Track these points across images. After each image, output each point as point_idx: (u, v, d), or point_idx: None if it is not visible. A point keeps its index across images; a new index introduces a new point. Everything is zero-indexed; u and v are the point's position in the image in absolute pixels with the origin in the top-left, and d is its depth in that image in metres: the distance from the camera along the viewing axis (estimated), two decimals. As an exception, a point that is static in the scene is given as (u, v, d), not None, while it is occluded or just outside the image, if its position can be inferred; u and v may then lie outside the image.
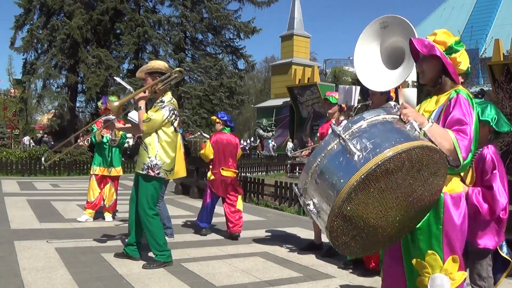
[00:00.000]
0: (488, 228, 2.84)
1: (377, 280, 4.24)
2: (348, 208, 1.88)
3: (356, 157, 1.88)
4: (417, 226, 2.22)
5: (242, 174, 13.81)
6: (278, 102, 35.68)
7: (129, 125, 5.18)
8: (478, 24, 27.14)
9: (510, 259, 2.94)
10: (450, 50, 2.33)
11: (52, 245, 5.18)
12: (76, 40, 22.68)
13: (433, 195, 2.13)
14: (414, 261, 2.26)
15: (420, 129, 2.07)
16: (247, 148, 36.75)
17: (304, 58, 37.93)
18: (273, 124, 35.62)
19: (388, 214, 1.99)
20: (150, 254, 4.65)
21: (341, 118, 5.20)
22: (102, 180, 6.89)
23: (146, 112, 4.49)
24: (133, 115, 6.32)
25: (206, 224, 6.24)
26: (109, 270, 4.32)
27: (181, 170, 5.89)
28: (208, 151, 6.20)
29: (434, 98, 2.38)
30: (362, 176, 1.83)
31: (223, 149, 6.24)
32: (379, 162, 1.83)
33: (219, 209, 8.74)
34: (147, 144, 4.46)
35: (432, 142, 2.07)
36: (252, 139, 39.68)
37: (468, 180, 2.90)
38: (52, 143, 26.07)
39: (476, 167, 2.88)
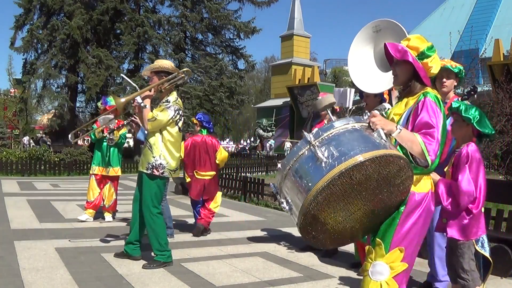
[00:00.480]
0: (456, 220, 2.97)
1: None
2: (315, 208, 2.06)
3: (323, 164, 2.04)
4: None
5: (242, 174, 13.81)
6: (278, 102, 35.67)
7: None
8: (478, 24, 27.15)
9: (485, 254, 3.02)
10: (422, 56, 2.46)
11: (52, 245, 5.18)
12: (76, 40, 22.70)
13: (401, 195, 2.27)
14: (367, 247, 2.42)
15: (389, 135, 2.22)
16: (247, 148, 36.76)
17: (304, 58, 37.92)
18: (273, 124, 35.62)
19: (355, 214, 2.17)
20: (152, 254, 4.65)
21: (333, 118, 5.22)
22: (102, 180, 6.87)
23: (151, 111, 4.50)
24: (102, 119, 6.39)
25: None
26: (109, 270, 4.32)
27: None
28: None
29: (404, 101, 2.50)
30: (327, 182, 2.00)
31: (198, 151, 6.20)
32: (343, 170, 1.98)
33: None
34: (152, 143, 4.47)
35: (398, 148, 2.23)
36: (252, 139, 39.70)
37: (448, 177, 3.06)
38: (49, 143, 26.08)
39: (455, 163, 3.02)
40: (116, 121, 6.52)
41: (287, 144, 31.22)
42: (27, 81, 24.61)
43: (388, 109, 4.52)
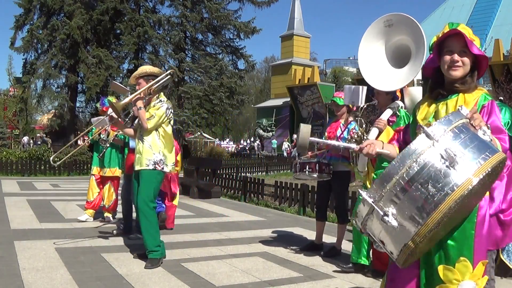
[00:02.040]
0: None
1: (377, 281, 4.24)
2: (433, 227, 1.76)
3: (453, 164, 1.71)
4: (449, 231, 2.13)
5: (242, 174, 13.82)
6: (278, 102, 35.70)
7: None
8: (478, 24, 27.12)
9: (509, 265, 2.91)
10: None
11: (52, 245, 5.18)
12: (76, 40, 22.69)
13: (479, 200, 2.08)
14: (440, 267, 2.14)
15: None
16: (247, 148, 36.77)
17: (304, 58, 37.95)
18: (273, 124, 35.64)
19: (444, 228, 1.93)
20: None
21: (350, 118, 5.19)
22: (102, 180, 6.84)
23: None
24: (94, 121, 6.47)
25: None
26: (109, 270, 4.32)
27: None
28: None
29: (461, 97, 2.23)
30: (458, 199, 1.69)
31: None
32: (488, 170, 1.73)
33: (218, 208, 8.77)
34: (151, 142, 4.63)
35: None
36: (252, 139, 39.70)
37: None
38: (49, 142, 26.07)
39: None
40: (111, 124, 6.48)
41: (285, 144, 31.25)
42: (27, 81, 24.60)
43: (401, 107, 4.45)
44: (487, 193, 2.15)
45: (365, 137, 4.43)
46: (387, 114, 4.33)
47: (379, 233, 1.86)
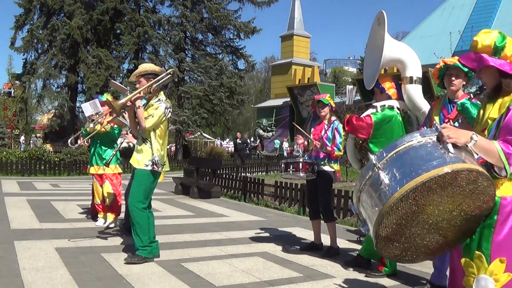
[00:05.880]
0: None
1: (377, 281, 4.24)
2: (384, 231, 2.11)
3: (386, 187, 2.06)
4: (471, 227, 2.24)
5: (242, 174, 13.81)
6: (278, 102, 35.70)
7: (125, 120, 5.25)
8: (478, 24, 27.10)
9: None
10: (496, 50, 2.25)
11: (52, 245, 5.17)
12: (76, 40, 22.71)
13: (486, 203, 2.15)
14: (463, 260, 2.28)
15: (464, 147, 2.11)
16: (247, 148, 36.73)
17: (304, 58, 37.95)
18: (273, 124, 35.64)
19: (433, 231, 2.16)
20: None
21: (333, 118, 5.28)
22: (101, 179, 6.51)
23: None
24: (85, 107, 6.37)
25: None
26: (109, 270, 4.31)
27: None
28: None
29: (499, 101, 2.28)
30: (391, 205, 2.03)
31: None
32: (404, 193, 2.00)
33: (218, 208, 8.76)
34: (150, 141, 4.64)
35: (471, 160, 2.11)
36: (252, 139, 39.67)
37: None
38: (39, 145, 25.99)
39: None
40: (104, 116, 6.26)
41: (285, 144, 31.25)
42: (27, 81, 24.61)
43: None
44: (507, 193, 2.20)
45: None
46: (367, 112, 4.49)
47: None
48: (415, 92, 4.44)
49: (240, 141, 22.14)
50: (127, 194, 5.89)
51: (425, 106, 4.45)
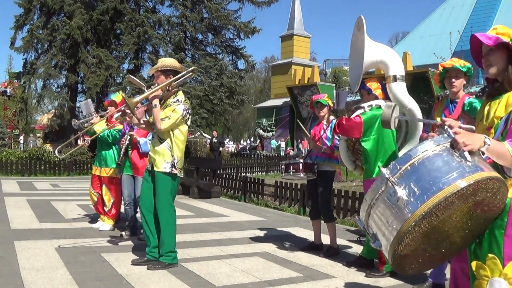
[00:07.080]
0: None
1: (377, 281, 4.24)
2: (404, 250, 2.00)
3: (403, 204, 1.93)
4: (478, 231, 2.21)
5: (242, 174, 13.81)
6: (278, 102, 35.69)
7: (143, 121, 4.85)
8: (478, 24, 27.13)
9: None
10: None
11: (52, 245, 5.18)
12: (76, 40, 22.70)
13: (498, 207, 2.12)
14: (474, 263, 2.22)
15: (476, 152, 2.04)
16: (247, 148, 36.74)
17: (304, 58, 37.94)
18: (273, 124, 35.63)
19: (447, 240, 2.10)
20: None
21: (331, 118, 5.31)
22: (99, 181, 6.31)
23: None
24: (82, 106, 6.32)
25: None
26: (109, 270, 4.31)
27: None
28: None
29: (504, 100, 2.23)
30: (412, 223, 1.91)
31: None
32: (427, 210, 1.88)
33: (218, 208, 8.76)
34: (169, 142, 4.44)
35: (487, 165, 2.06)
36: (252, 139, 39.66)
37: None
38: (38, 145, 25.99)
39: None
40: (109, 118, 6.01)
41: (282, 144, 31.26)
42: (27, 81, 24.60)
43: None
44: None
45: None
46: (356, 113, 4.53)
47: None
48: (399, 89, 4.54)
49: (215, 140, 21.00)
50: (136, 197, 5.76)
51: (410, 103, 4.55)
